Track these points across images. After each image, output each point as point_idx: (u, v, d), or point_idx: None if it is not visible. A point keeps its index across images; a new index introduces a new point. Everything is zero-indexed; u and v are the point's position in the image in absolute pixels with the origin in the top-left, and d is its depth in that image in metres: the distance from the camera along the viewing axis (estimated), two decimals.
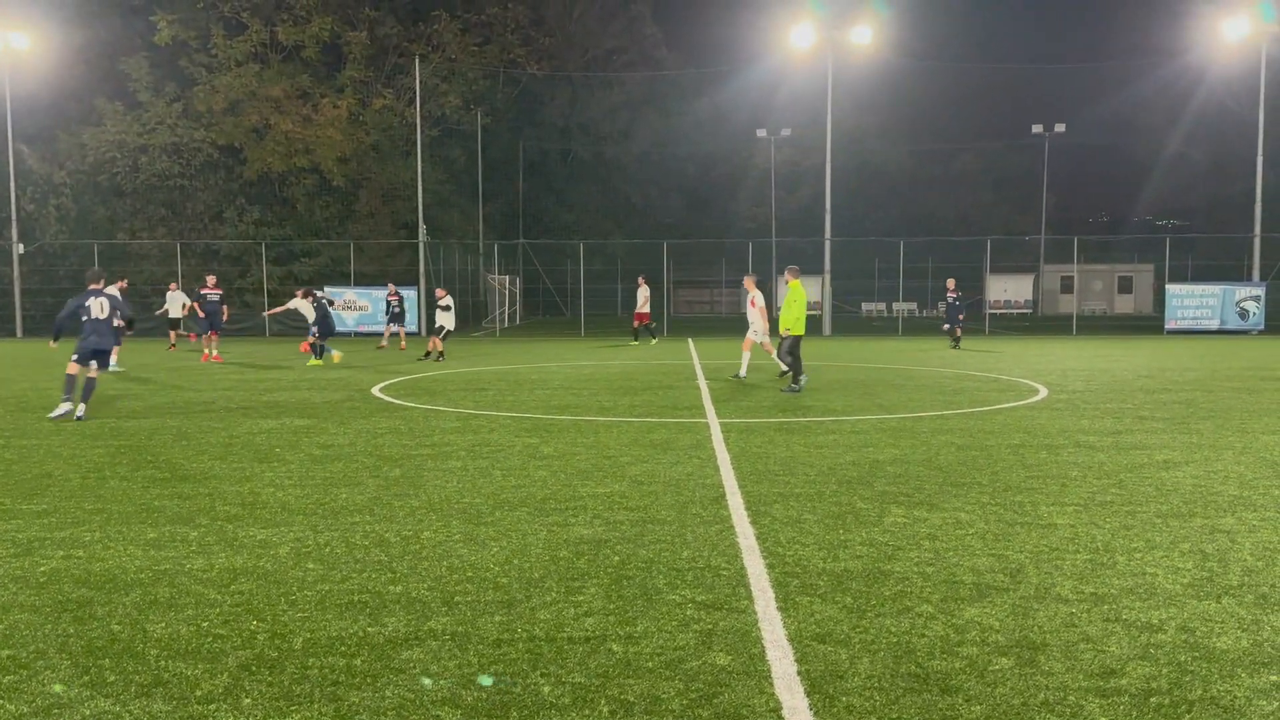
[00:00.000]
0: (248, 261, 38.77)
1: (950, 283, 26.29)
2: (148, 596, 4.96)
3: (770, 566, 5.44)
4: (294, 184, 40.59)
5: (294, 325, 34.81)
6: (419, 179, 37.66)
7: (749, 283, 17.32)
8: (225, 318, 23.63)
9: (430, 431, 10.70)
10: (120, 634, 4.42)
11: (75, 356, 11.89)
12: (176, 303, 25.56)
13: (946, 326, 26.57)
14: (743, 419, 11.66)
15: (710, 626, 4.50)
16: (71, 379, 11.80)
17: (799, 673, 3.96)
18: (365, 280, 37.18)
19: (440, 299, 22.16)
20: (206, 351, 22.03)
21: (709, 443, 9.82)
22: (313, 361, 20.45)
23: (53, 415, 11.73)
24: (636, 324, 27.91)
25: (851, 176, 58.38)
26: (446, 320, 22.15)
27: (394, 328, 26.99)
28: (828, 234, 36.74)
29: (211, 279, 22.71)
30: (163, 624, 4.55)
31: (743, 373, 16.63)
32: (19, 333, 35.62)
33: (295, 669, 4.02)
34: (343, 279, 37.15)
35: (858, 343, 30.40)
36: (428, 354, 22.12)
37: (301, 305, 21.17)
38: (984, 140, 77.19)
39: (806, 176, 61.75)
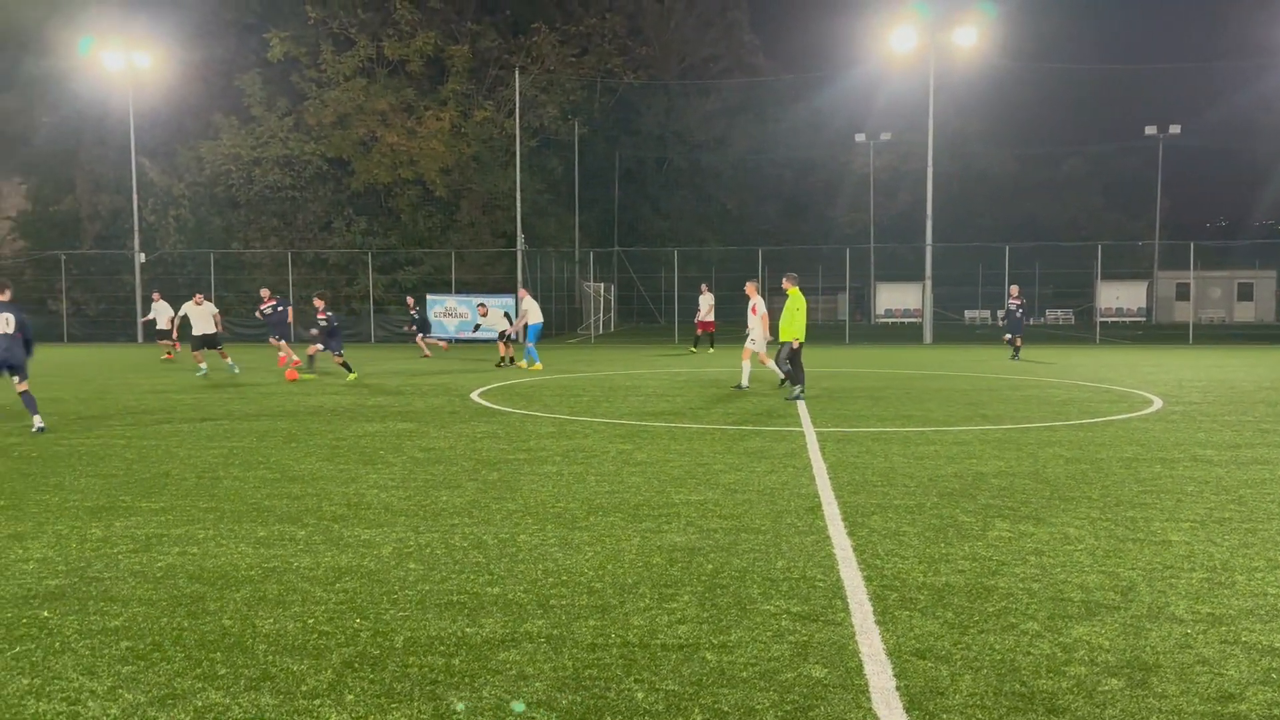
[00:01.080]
0: (354, 270, 39.98)
1: (1014, 289, 25.30)
2: (257, 593, 5.14)
3: (868, 579, 5.34)
4: (399, 195, 41.73)
5: (395, 331, 35.75)
6: (517, 189, 38.29)
7: (751, 289, 17.01)
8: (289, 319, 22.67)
9: (526, 436, 10.84)
10: (231, 629, 4.59)
11: None
12: (163, 314, 25.19)
13: (1008, 337, 25.06)
14: (839, 428, 11.48)
15: (806, 638, 4.43)
16: None
17: (898, 688, 3.87)
18: (465, 288, 37.95)
19: (481, 312, 23.22)
20: (283, 356, 21.68)
21: (804, 451, 9.71)
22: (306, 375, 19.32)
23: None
24: (699, 331, 28.03)
25: (954, 181, 57.11)
26: (503, 323, 23.02)
27: (421, 336, 27.45)
28: (929, 240, 35.99)
29: (265, 292, 21.70)
30: (271, 620, 4.71)
31: (744, 382, 16.41)
32: (139, 338, 37.44)
33: (396, 667, 4.12)
34: (444, 287, 37.99)
35: (960, 351, 29.67)
36: (502, 360, 22.48)
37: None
38: (1094, 143, 74.60)
39: (905, 181, 60.65)
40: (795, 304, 14.80)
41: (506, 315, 23.76)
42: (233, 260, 39.46)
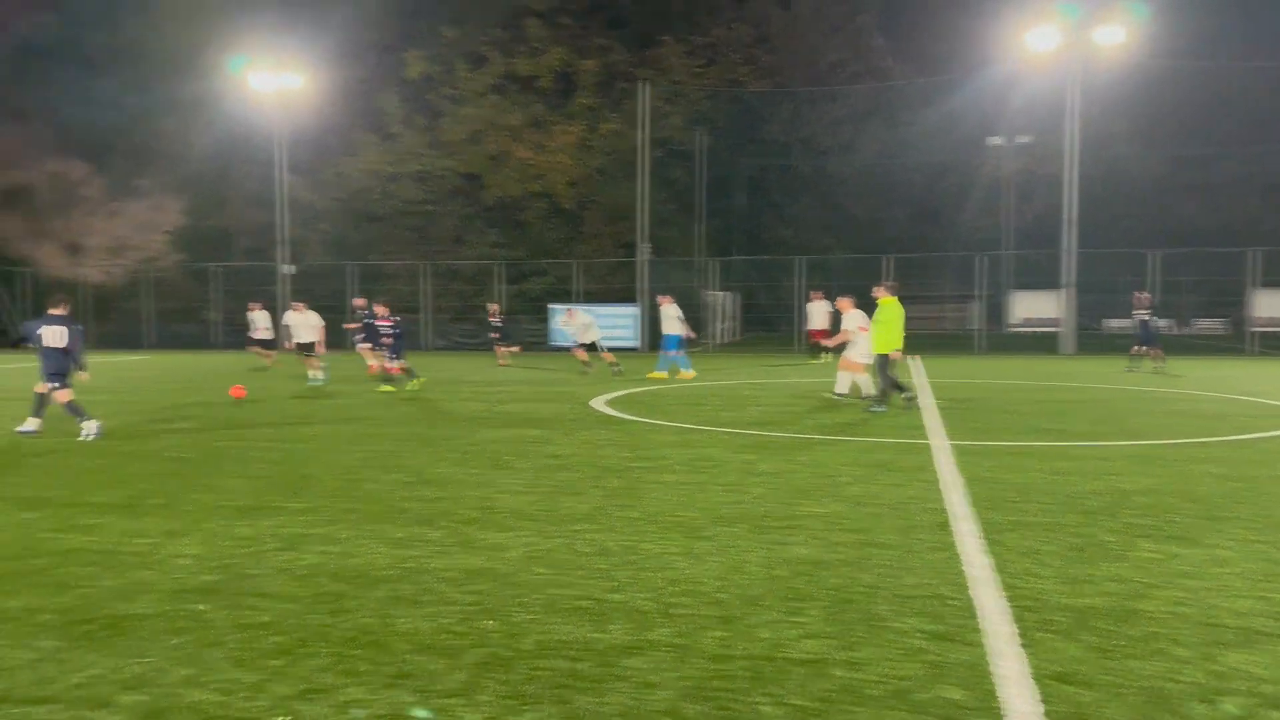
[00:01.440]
0: (484, 280, 41.08)
1: (1143, 296, 23.81)
2: (394, 592, 5.33)
3: (1004, 599, 5.16)
4: (527, 207, 42.70)
5: (468, 341, 36.52)
6: (640, 200, 38.63)
7: (846, 303, 15.99)
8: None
9: (649, 445, 10.91)
10: (370, 627, 4.78)
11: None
12: (261, 323, 26.16)
13: (1141, 349, 23.53)
14: (972, 441, 11.14)
15: (939, 658, 4.32)
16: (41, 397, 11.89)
17: (1039, 713, 3.73)
18: (589, 298, 38.50)
19: (566, 321, 23.62)
20: (388, 365, 22.34)
21: (933, 464, 9.45)
22: (384, 387, 18.76)
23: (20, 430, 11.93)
24: (812, 341, 27.22)
25: (1095, 185, 54.58)
26: (588, 332, 23.14)
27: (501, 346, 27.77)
28: (1069, 246, 34.57)
29: (382, 309, 20.24)
30: (407, 619, 4.88)
31: (844, 389, 15.66)
32: (283, 346, 39.38)
33: (526, 669, 4.21)
34: (568, 296, 38.63)
35: (1102, 362, 28.36)
36: (613, 365, 22.69)
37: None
38: (1251, 144, 70.24)
39: (1041, 185, 58.33)
40: (885, 314, 14.19)
41: (592, 326, 23.67)
42: (372, 271, 41.09)
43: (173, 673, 4.20)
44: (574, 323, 23.68)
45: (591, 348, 23.13)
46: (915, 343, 38.69)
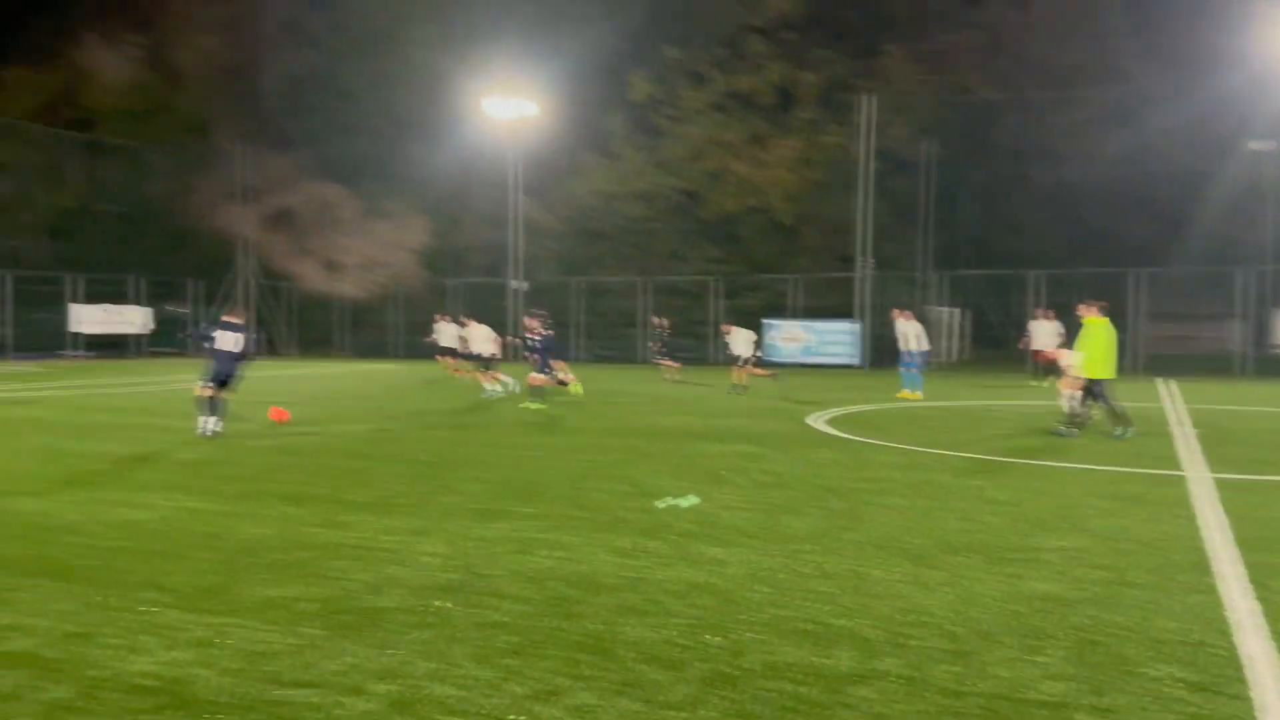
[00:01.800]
0: (701, 295, 41.52)
1: None
2: (621, 601, 5.46)
3: (1274, 649, 4.66)
4: (744, 222, 42.83)
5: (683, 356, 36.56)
6: (861, 213, 37.83)
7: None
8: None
9: (871, 465, 10.63)
10: (598, 633, 4.92)
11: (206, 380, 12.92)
12: (446, 334, 26.88)
13: None
14: (1236, 474, 10.13)
15: (1198, 710, 3.95)
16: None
17: None
18: (806, 313, 38.08)
19: (726, 333, 22.90)
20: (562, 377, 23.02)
21: (1190, 499, 8.66)
22: (533, 404, 17.52)
23: (197, 431, 12.84)
24: (1038, 360, 25.40)
25: None
26: (745, 347, 22.44)
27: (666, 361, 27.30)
28: None
29: (532, 322, 19.52)
30: (633, 628, 4.98)
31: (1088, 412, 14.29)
32: (512, 357, 41.36)
33: (750, 689, 4.19)
34: (784, 312, 38.37)
35: None
36: (735, 385, 22.31)
37: (445, 329, 20.55)
38: None
39: None
40: (1092, 336, 13.03)
41: (756, 342, 23.12)
42: (596, 287, 42.47)
43: (418, 665, 4.49)
44: (736, 339, 23.26)
45: (756, 363, 22.75)
46: (1169, 365, 35.72)
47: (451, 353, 26.87)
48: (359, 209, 49.30)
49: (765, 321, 36.53)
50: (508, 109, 40.17)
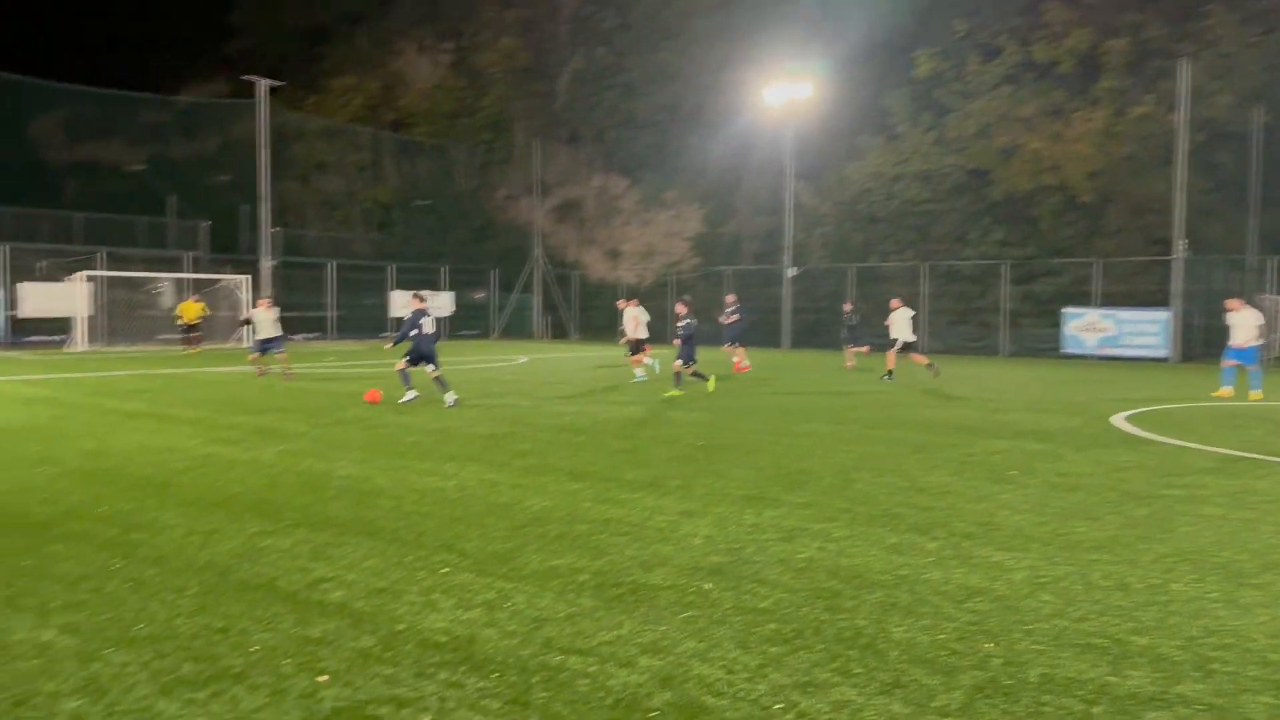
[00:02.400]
0: (988, 281, 39.32)
1: None
2: (889, 599, 5.29)
3: None
4: (1039, 202, 40.05)
5: (1026, 346, 34.31)
6: (1176, 191, 34.21)
7: None
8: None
9: (1180, 470, 9.61)
10: (864, 629, 4.78)
11: (410, 358, 15.04)
12: (631, 321, 26.26)
13: None
14: None
15: None
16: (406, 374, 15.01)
17: None
18: (1109, 300, 35.04)
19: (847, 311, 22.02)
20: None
21: None
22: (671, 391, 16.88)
23: (401, 400, 14.83)
24: None
25: None
26: (902, 332, 21.02)
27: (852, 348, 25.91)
28: None
29: (681, 308, 18.57)
30: (902, 628, 4.80)
31: None
32: (784, 344, 41.18)
33: (1030, 702, 3.92)
34: (1084, 299, 35.52)
35: None
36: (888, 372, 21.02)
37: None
38: None
39: None
40: None
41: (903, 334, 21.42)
42: (869, 274, 41.40)
43: (683, 644, 4.57)
44: (896, 320, 21.56)
45: (906, 348, 21.18)
46: None
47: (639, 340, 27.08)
48: (639, 199, 51.02)
49: (1064, 310, 34.05)
50: (784, 95, 39.99)
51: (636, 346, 21.36)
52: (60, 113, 52.39)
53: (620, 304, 23.62)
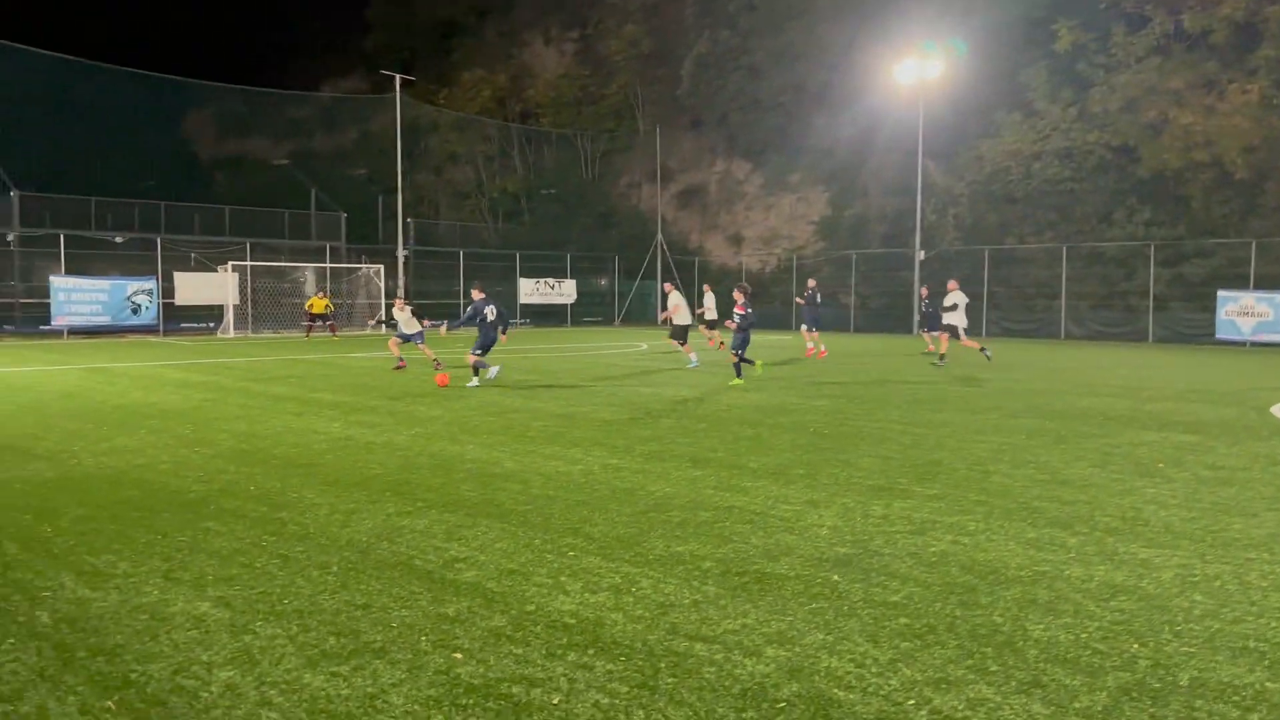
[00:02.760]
0: (1134, 264, 37.40)
1: None
2: (1027, 594, 5.10)
3: None
4: (1190, 180, 37.79)
5: (1176, 330, 32.48)
6: None
7: None
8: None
9: None
10: (1001, 626, 4.62)
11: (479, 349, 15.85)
12: (712, 305, 26.00)
13: None
14: None
15: None
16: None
17: None
18: (1267, 283, 32.82)
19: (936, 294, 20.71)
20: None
21: None
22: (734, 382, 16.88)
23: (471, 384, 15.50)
24: None
25: None
26: (954, 318, 19.98)
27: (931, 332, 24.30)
28: None
29: (739, 295, 17.46)
30: (1041, 625, 4.63)
31: None
32: (914, 330, 40.16)
33: (1180, 706, 3.72)
34: (1240, 282, 33.38)
35: None
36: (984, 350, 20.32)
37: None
38: None
39: None
40: None
41: None
42: (1004, 256, 39.93)
43: (811, 635, 4.52)
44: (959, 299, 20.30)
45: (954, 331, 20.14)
46: None
47: (711, 324, 26.79)
48: (762, 183, 50.49)
49: (1218, 294, 32.16)
50: (914, 71, 38.88)
51: (682, 333, 21.58)
52: (210, 110, 55.46)
53: (667, 288, 23.85)
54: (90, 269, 33.49)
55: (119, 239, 35.39)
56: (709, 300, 26.56)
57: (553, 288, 45.72)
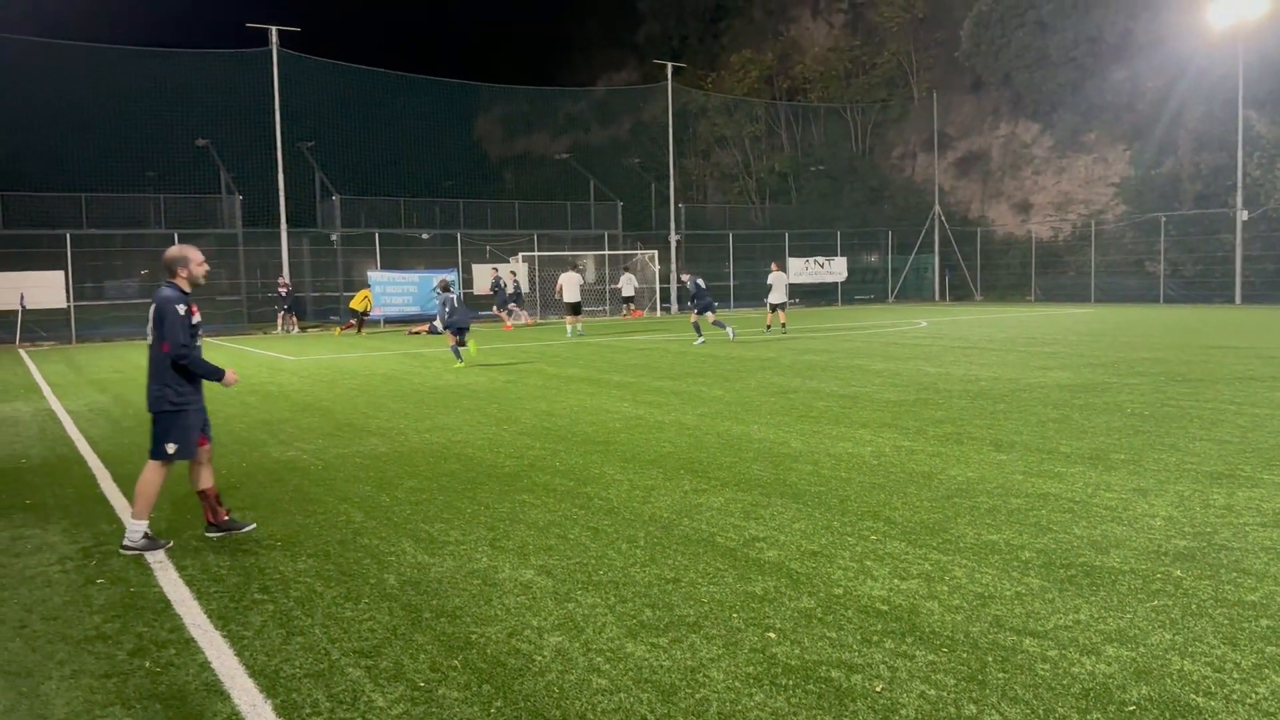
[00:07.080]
0: None
1: None
2: None
3: None
4: None
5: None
6: None
7: None
8: None
9: None
10: None
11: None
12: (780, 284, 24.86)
13: None
14: None
15: None
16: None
17: None
18: None
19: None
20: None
21: None
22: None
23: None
24: None
25: None
26: None
27: None
28: None
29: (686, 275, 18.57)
30: None
31: None
32: (1237, 299, 35.91)
33: None
34: None
35: None
36: None
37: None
38: None
39: None
40: None
41: None
42: None
43: (1155, 635, 4.12)
44: None
45: None
46: None
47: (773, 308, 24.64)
48: (1052, 145, 46.94)
49: None
50: (1232, 11, 34.64)
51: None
52: (497, 112, 59.21)
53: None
54: (400, 263, 36.81)
55: (425, 235, 38.63)
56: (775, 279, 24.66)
57: (822, 266, 45.00)
